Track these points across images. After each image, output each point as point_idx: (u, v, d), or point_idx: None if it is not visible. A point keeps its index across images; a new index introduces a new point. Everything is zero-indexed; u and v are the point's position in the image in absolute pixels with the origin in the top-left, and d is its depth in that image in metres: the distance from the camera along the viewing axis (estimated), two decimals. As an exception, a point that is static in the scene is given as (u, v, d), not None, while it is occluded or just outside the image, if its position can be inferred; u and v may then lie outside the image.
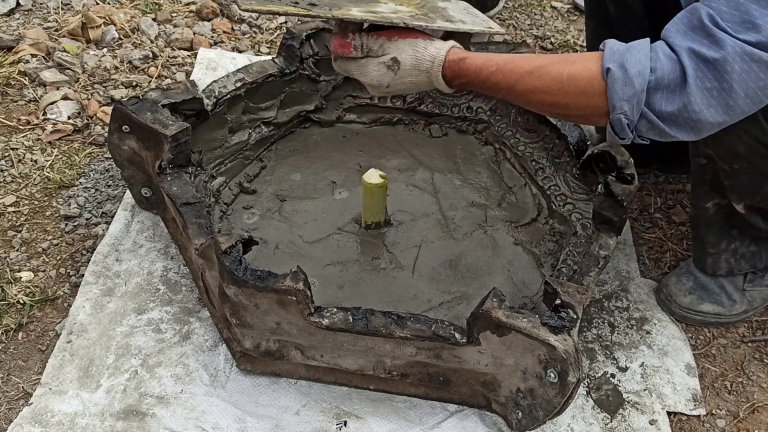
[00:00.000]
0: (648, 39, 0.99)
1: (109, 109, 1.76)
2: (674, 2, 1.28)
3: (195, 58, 2.04)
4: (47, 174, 1.63)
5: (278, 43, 1.71)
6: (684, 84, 0.94)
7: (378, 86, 1.11)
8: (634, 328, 1.44)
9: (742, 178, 1.21)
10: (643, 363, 1.37)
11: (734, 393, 1.37)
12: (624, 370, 1.36)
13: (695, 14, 0.95)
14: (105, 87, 1.91)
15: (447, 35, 1.13)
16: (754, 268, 1.41)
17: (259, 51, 2.16)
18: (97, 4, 2.20)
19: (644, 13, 1.50)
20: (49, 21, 2.10)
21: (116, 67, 1.97)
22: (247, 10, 1.02)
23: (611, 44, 1.01)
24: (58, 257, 1.46)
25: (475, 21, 1.18)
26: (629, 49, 0.98)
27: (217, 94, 1.50)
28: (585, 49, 2.31)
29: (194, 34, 2.14)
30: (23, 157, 1.67)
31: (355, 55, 1.08)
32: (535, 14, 2.55)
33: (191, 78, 1.93)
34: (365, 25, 1.09)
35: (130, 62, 1.99)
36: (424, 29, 1.08)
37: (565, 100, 1.04)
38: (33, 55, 1.94)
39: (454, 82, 1.10)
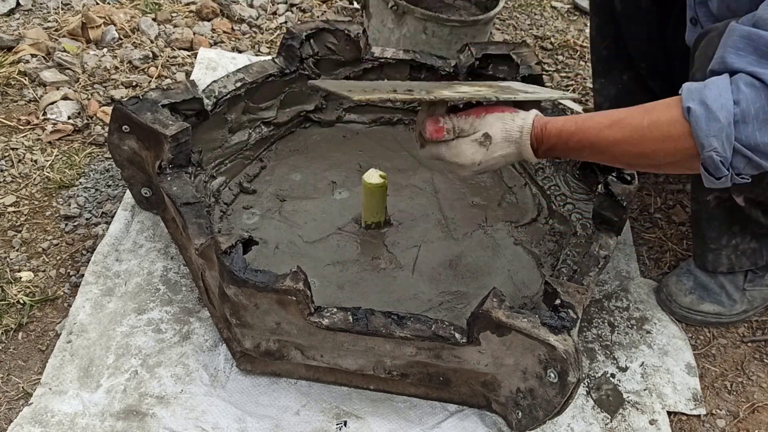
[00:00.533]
0: (726, 75, 0.97)
1: (109, 109, 1.76)
2: (679, 2, 1.29)
3: (195, 58, 2.04)
4: (47, 174, 1.63)
5: (278, 43, 1.71)
6: None
7: (470, 165, 1.11)
8: (634, 327, 1.44)
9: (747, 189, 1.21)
10: (643, 363, 1.37)
11: (734, 393, 1.37)
12: (624, 369, 1.36)
13: (758, 40, 0.92)
14: (105, 87, 1.91)
15: (526, 106, 1.14)
16: (755, 265, 1.41)
17: (259, 51, 2.16)
18: (97, 4, 2.20)
19: (650, 6, 1.50)
20: (49, 21, 2.10)
21: (116, 67, 1.97)
22: (359, 102, 1.07)
23: (688, 85, 0.99)
24: (58, 257, 1.46)
25: (545, 91, 1.21)
26: (707, 85, 0.96)
27: (217, 94, 1.50)
28: (586, 49, 2.31)
29: (194, 34, 2.14)
30: (23, 157, 1.67)
31: (447, 138, 1.09)
32: (535, 14, 2.56)
33: (191, 78, 1.93)
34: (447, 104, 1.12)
35: (130, 62, 1.99)
36: (513, 99, 1.12)
37: (651, 147, 1.02)
38: (33, 55, 1.94)
39: (540, 149, 1.10)
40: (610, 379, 1.34)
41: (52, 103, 1.80)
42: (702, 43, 1.15)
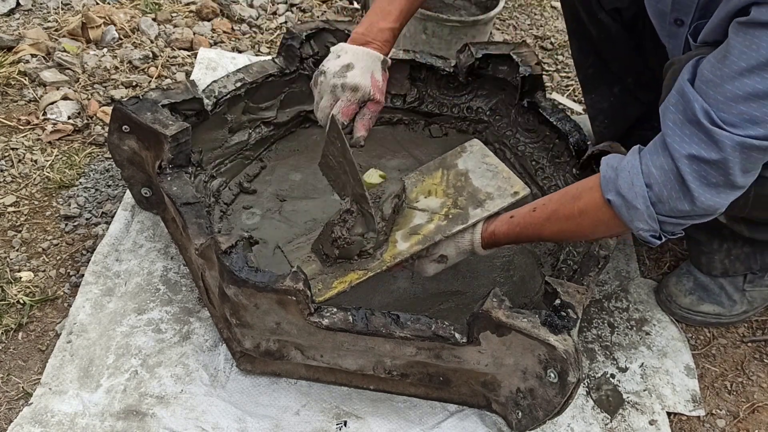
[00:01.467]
0: (636, 154, 1.03)
1: (109, 109, 1.76)
2: (651, 28, 1.29)
3: (195, 58, 2.04)
4: (47, 174, 1.63)
5: (278, 43, 1.71)
6: (686, 188, 0.97)
7: (433, 273, 1.29)
8: (634, 328, 1.44)
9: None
10: (642, 363, 1.37)
11: (734, 393, 1.37)
12: (624, 370, 1.36)
13: (689, 106, 0.96)
14: (105, 87, 1.91)
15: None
16: (749, 270, 1.41)
17: (259, 51, 2.16)
18: (97, 4, 2.19)
19: (622, 32, 1.51)
20: (49, 21, 2.10)
21: (116, 67, 1.97)
22: (321, 302, 1.18)
23: (603, 170, 1.06)
24: (58, 257, 1.46)
25: (500, 188, 1.30)
26: (619, 174, 1.03)
27: (217, 94, 1.50)
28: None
29: (194, 34, 2.14)
30: (23, 157, 1.67)
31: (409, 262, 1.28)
32: (535, 14, 2.56)
33: (191, 78, 1.93)
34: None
35: (130, 62, 1.99)
36: (463, 229, 1.25)
37: (588, 230, 1.14)
38: (33, 55, 1.94)
39: (493, 247, 1.26)
40: (610, 379, 1.34)
41: (52, 103, 1.80)
42: (668, 74, 1.16)
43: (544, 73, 1.78)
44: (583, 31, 1.56)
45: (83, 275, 1.39)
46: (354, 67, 1.24)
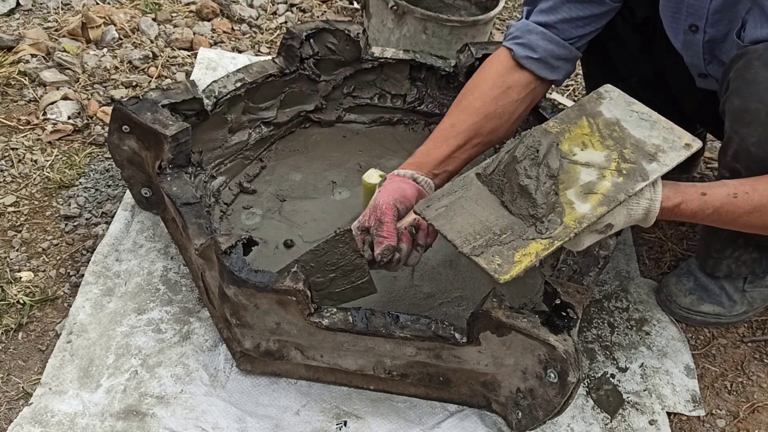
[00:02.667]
0: None
1: (109, 109, 1.76)
2: (661, 29, 1.29)
3: (195, 58, 2.04)
4: (47, 174, 1.63)
5: (278, 43, 1.71)
6: None
7: (585, 247, 1.10)
8: (634, 328, 1.44)
9: None
10: (642, 364, 1.37)
11: (734, 393, 1.37)
12: (624, 370, 1.36)
13: None
14: (105, 87, 1.91)
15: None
16: (753, 273, 1.41)
17: (259, 51, 2.16)
18: (97, 4, 2.20)
19: (631, 33, 1.51)
20: (49, 21, 2.10)
21: (116, 67, 1.97)
22: (507, 281, 0.99)
23: None
24: (58, 257, 1.46)
25: (667, 139, 1.14)
26: None
27: (217, 94, 1.50)
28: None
29: (194, 34, 2.14)
30: (23, 157, 1.67)
31: None
32: (535, 14, 2.55)
33: (191, 78, 1.93)
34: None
35: (130, 62, 1.99)
36: (631, 197, 1.06)
37: None
38: (33, 55, 1.94)
39: (662, 220, 1.14)
40: (610, 379, 1.34)
41: (52, 103, 1.80)
42: (739, 64, 1.14)
43: (544, 73, 1.77)
44: (600, 49, 1.56)
45: (83, 275, 1.39)
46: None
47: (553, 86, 1.44)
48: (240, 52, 2.12)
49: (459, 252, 1.00)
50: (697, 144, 1.13)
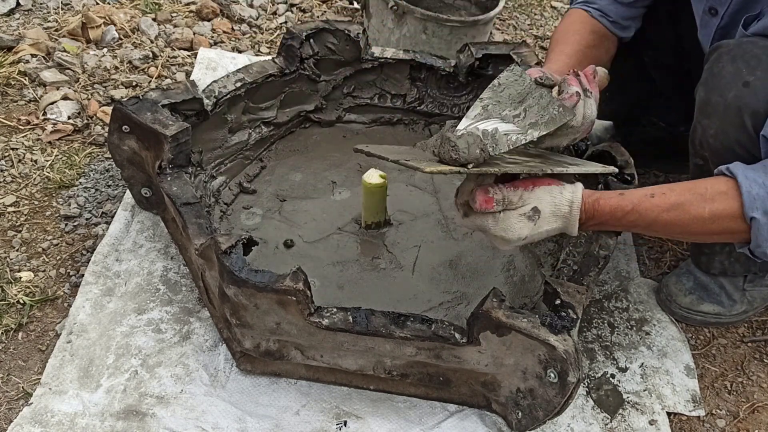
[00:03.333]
0: None
1: (109, 109, 1.76)
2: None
3: (195, 58, 2.04)
4: (47, 174, 1.63)
5: (278, 43, 1.71)
6: None
7: (515, 240, 1.07)
8: (634, 328, 1.44)
9: None
10: (642, 363, 1.37)
11: (734, 393, 1.37)
12: (624, 370, 1.36)
13: None
14: (105, 87, 1.91)
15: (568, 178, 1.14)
16: (749, 271, 1.41)
17: (259, 51, 2.16)
18: (97, 4, 2.19)
19: (666, 17, 1.52)
20: (49, 21, 2.10)
21: (116, 67, 1.97)
22: (431, 173, 1.01)
23: (748, 185, 1.03)
24: (58, 257, 1.46)
25: (591, 164, 1.20)
26: None
27: (217, 94, 1.50)
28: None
29: (194, 34, 2.14)
30: (23, 157, 1.67)
31: (496, 209, 1.05)
32: (535, 14, 2.56)
33: (191, 78, 1.93)
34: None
35: (130, 62, 1.99)
36: (565, 172, 1.09)
37: (708, 233, 1.09)
38: (33, 55, 1.94)
39: (587, 224, 1.11)
40: (610, 379, 1.34)
41: (52, 103, 1.80)
42: (713, 57, 1.16)
43: (544, 73, 1.77)
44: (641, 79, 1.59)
45: (83, 275, 1.39)
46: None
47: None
48: (240, 52, 2.12)
49: (390, 161, 1.04)
50: (611, 169, 1.20)
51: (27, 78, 1.87)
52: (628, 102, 1.68)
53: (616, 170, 1.20)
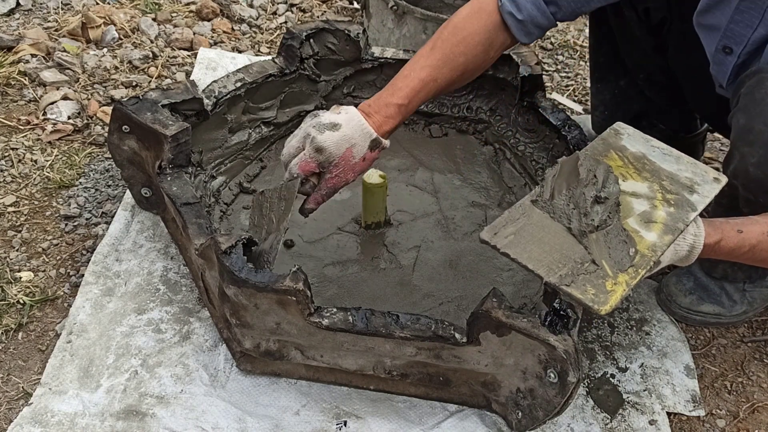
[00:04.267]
0: None
1: (109, 109, 1.76)
2: (676, 32, 1.29)
3: (195, 58, 2.04)
4: (47, 174, 1.63)
5: (278, 43, 1.71)
6: None
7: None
8: (634, 328, 1.44)
9: (760, 211, 1.18)
10: (642, 364, 1.37)
11: (734, 393, 1.37)
12: (624, 370, 1.36)
13: None
14: (105, 87, 1.91)
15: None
16: (749, 278, 1.41)
17: (259, 51, 2.16)
18: (97, 4, 2.20)
19: (645, 35, 1.52)
20: (49, 21, 2.10)
21: (116, 67, 1.97)
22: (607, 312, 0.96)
23: None
24: (58, 257, 1.46)
25: (696, 173, 1.14)
26: None
27: (217, 94, 1.50)
28: (586, 49, 2.31)
29: (194, 34, 2.14)
30: (23, 157, 1.67)
31: None
32: (535, 14, 2.55)
33: (191, 78, 1.93)
34: None
35: (130, 62, 1.99)
36: (681, 237, 1.05)
37: None
38: (33, 55, 1.94)
39: (703, 258, 1.09)
40: (610, 379, 1.34)
41: (52, 103, 1.80)
42: (751, 81, 1.14)
43: (544, 73, 1.78)
44: (605, 22, 1.55)
45: (83, 275, 1.39)
46: (338, 129, 1.15)
47: (552, 86, 1.44)
48: (240, 52, 2.12)
49: (546, 282, 0.98)
50: (724, 179, 1.13)
51: (27, 78, 1.88)
52: (628, 117, 1.69)
53: (726, 180, 1.14)
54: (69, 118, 1.78)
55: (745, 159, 1.12)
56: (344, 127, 1.15)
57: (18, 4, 2.14)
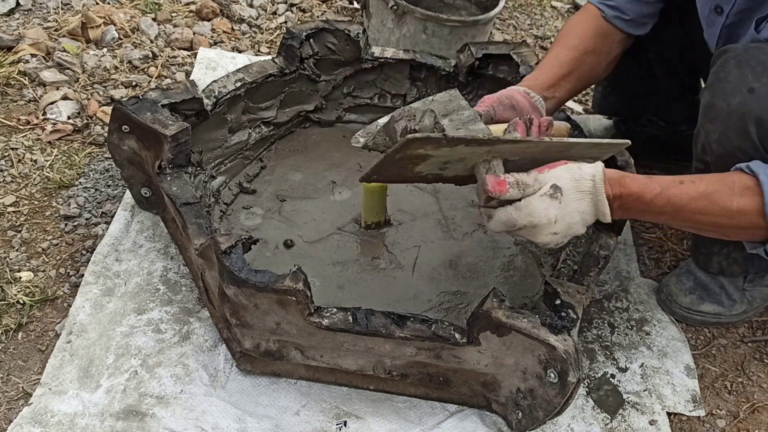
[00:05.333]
0: None
1: (108, 109, 1.76)
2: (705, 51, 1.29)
3: (195, 58, 2.04)
4: (47, 174, 1.63)
5: (278, 43, 1.71)
6: None
7: (546, 223, 1.02)
8: (634, 328, 1.44)
9: None
10: (642, 364, 1.37)
11: (734, 393, 1.37)
12: (624, 370, 1.36)
13: None
14: (105, 87, 1.91)
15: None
16: (746, 273, 1.41)
17: (259, 51, 2.16)
18: (97, 4, 2.19)
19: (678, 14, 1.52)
20: (49, 21, 2.10)
21: (116, 67, 1.97)
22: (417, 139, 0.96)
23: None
24: (58, 257, 1.46)
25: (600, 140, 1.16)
26: None
27: (217, 94, 1.50)
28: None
29: (194, 33, 2.14)
30: (23, 157, 1.67)
31: (512, 195, 1.01)
32: (535, 14, 2.56)
33: (191, 78, 1.93)
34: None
35: (130, 62, 1.99)
36: (566, 141, 1.04)
37: (732, 226, 1.08)
38: (33, 55, 1.94)
39: (614, 204, 1.07)
40: (610, 379, 1.34)
41: (52, 103, 1.80)
42: (719, 60, 1.16)
43: (544, 73, 1.77)
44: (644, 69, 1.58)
45: (83, 275, 1.39)
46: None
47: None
48: (240, 52, 2.12)
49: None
50: (624, 142, 1.13)
51: (27, 78, 1.87)
52: (626, 97, 1.69)
53: (629, 143, 1.13)
54: (69, 118, 1.78)
55: (708, 135, 1.16)
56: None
57: (18, 4, 2.14)
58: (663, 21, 1.52)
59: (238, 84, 1.54)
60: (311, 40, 1.63)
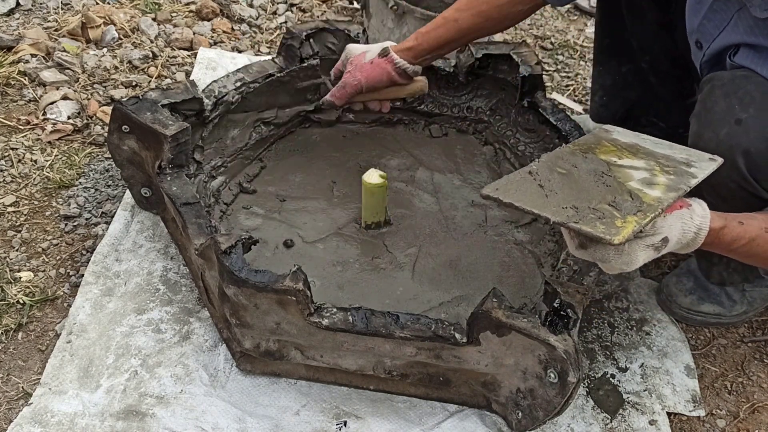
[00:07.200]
0: None
1: (108, 109, 1.76)
2: (683, 7, 1.29)
3: (195, 58, 2.04)
4: (47, 174, 1.63)
5: (278, 43, 1.71)
6: None
7: (634, 270, 0.98)
8: (634, 329, 1.44)
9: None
10: (642, 364, 1.37)
11: (734, 393, 1.37)
12: (624, 370, 1.36)
13: None
14: (105, 87, 1.91)
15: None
16: (746, 281, 1.41)
17: (259, 51, 2.16)
18: (97, 4, 2.19)
19: (657, 15, 1.50)
20: (49, 21, 2.10)
21: (116, 67, 1.97)
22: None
23: None
24: (58, 257, 1.46)
25: (691, 154, 1.11)
26: None
27: (217, 94, 1.50)
28: (586, 49, 2.31)
29: (194, 34, 2.14)
30: (23, 157, 1.67)
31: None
32: (535, 14, 2.55)
33: (191, 78, 1.93)
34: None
35: (129, 62, 1.99)
36: (689, 188, 1.01)
37: None
38: (33, 55, 1.94)
39: (706, 247, 1.03)
40: (610, 379, 1.34)
41: (52, 103, 1.80)
42: (706, 88, 1.16)
43: (544, 73, 1.78)
44: (615, 2, 1.54)
45: (83, 275, 1.39)
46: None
47: (552, 86, 1.45)
48: (240, 52, 2.12)
49: (553, 222, 0.92)
50: (720, 159, 1.09)
51: (27, 78, 1.87)
52: (624, 107, 1.68)
53: (722, 161, 1.09)
54: (69, 118, 1.78)
55: None
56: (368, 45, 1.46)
57: (18, 4, 2.14)
58: (648, 33, 1.53)
59: (238, 84, 1.53)
60: (311, 40, 1.62)
